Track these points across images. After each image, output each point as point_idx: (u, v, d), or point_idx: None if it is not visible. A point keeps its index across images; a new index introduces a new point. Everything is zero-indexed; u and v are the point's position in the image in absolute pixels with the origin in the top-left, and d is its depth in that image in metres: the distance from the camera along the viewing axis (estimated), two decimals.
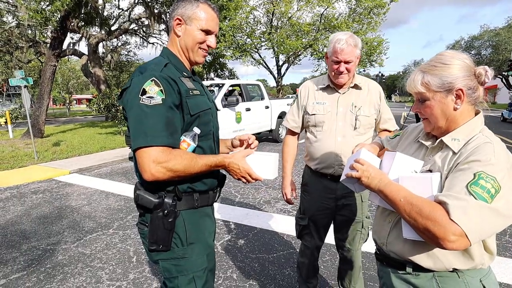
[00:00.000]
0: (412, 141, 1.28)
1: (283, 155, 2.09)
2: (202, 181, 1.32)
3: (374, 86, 1.91)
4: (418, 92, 1.10)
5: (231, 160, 1.30)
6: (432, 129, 1.13)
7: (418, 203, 0.97)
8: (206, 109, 1.32)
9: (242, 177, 1.32)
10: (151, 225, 1.24)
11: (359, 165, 1.15)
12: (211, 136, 1.36)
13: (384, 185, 1.07)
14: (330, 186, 1.91)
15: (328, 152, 1.86)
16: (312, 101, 1.93)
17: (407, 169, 1.11)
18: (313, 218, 2.01)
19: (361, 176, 1.12)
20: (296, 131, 2.05)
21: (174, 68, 1.28)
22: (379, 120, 1.92)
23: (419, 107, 1.12)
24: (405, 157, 1.12)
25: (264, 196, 4.86)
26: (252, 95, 9.63)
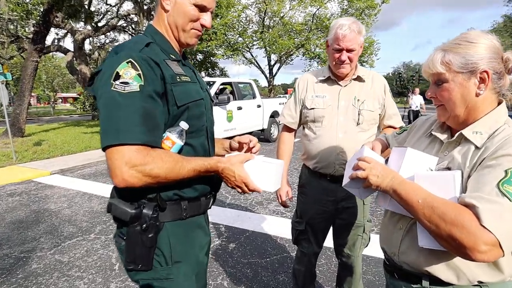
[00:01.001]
0: (422, 136, 1.15)
1: (278, 153, 1.95)
2: (193, 187, 1.12)
3: (379, 79, 1.79)
4: (436, 73, 0.97)
5: (226, 165, 1.09)
6: (447, 118, 1.00)
7: (440, 206, 0.83)
8: (198, 99, 1.13)
9: (237, 186, 1.12)
10: (127, 240, 1.04)
11: (365, 163, 1.01)
12: (204, 132, 1.18)
13: (398, 183, 0.94)
14: (329, 188, 1.78)
15: (328, 150, 1.72)
16: (311, 94, 1.79)
17: (419, 167, 0.97)
18: (310, 223, 1.87)
19: (368, 175, 0.98)
20: (292, 127, 1.91)
21: (159, 49, 1.09)
22: (384, 115, 1.80)
23: (435, 91, 0.99)
24: (418, 153, 0.98)
25: (256, 197, 4.73)
26: (243, 93, 9.52)
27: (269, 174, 1.14)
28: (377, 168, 0.98)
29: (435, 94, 1.00)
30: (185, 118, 1.08)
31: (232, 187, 1.15)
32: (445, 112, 1.00)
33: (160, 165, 0.96)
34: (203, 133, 1.17)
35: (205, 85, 1.29)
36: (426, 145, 1.09)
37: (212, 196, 1.25)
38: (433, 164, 0.98)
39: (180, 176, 1.01)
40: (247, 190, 1.13)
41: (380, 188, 0.98)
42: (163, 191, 1.06)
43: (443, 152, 1.01)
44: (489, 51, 0.92)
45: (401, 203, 0.93)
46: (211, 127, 1.25)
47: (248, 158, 1.15)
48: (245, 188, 1.13)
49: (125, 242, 1.06)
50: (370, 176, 0.98)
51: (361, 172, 1.00)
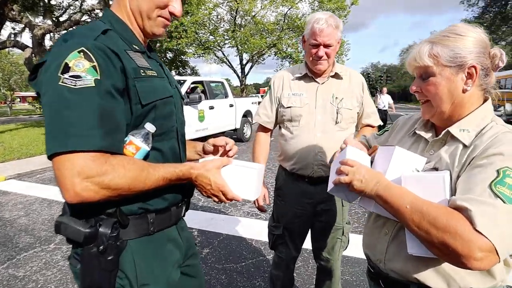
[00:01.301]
0: (405, 135, 1.10)
1: (254, 154, 1.85)
2: (162, 197, 0.99)
3: (356, 76, 1.74)
4: (423, 66, 0.91)
5: (200, 172, 0.98)
6: (432, 115, 0.95)
7: (430, 211, 0.78)
8: (166, 97, 1.00)
9: (214, 195, 1.02)
10: (83, 264, 0.89)
11: (347, 167, 0.94)
12: (174, 134, 1.06)
13: (383, 188, 0.87)
14: (308, 190, 1.71)
15: (306, 150, 1.65)
16: (288, 92, 1.72)
17: (407, 167, 0.92)
18: (288, 227, 1.79)
19: (352, 180, 0.91)
20: (268, 127, 1.83)
21: (119, 38, 0.94)
22: (362, 114, 1.76)
23: (420, 85, 0.94)
24: (406, 153, 0.93)
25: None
26: (215, 93, 9.35)
27: (249, 180, 1.04)
28: (361, 172, 0.92)
29: (420, 89, 0.95)
30: (151, 119, 0.94)
31: (207, 196, 1.03)
32: (431, 109, 0.95)
33: (122, 174, 0.82)
34: (172, 135, 1.05)
35: (175, 81, 1.16)
36: (409, 145, 1.04)
37: (185, 203, 1.13)
38: (420, 164, 0.92)
39: (147, 187, 0.88)
40: (225, 199, 1.03)
41: (364, 193, 0.91)
42: (125, 205, 0.92)
43: (429, 151, 0.97)
44: (478, 45, 0.88)
45: (387, 208, 0.87)
46: (181, 129, 1.12)
47: (225, 163, 1.04)
48: (222, 197, 1.02)
49: (80, 265, 0.90)
50: (354, 181, 0.91)
51: (344, 177, 0.94)
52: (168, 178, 0.92)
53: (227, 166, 1.04)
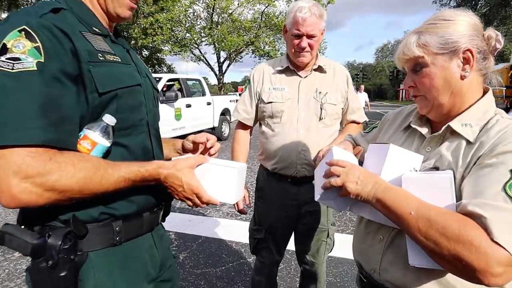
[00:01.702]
0: (397, 130, 1.01)
1: (233, 153, 1.74)
2: (129, 200, 0.87)
3: (341, 69, 1.66)
4: (413, 58, 0.83)
5: (170, 172, 0.86)
6: (429, 110, 0.87)
7: (439, 218, 0.68)
8: (132, 85, 0.89)
9: (187, 198, 0.90)
10: (32, 280, 0.77)
11: (338, 168, 0.84)
12: (144, 128, 0.94)
13: (382, 191, 0.77)
14: (291, 191, 1.61)
15: (289, 148, 1.55)
16: (268, 86, 1.61)
17: (403, 167, 0.82)
18: (271, 230, 1.69)
19: (345, 182, 0.81)
20: (248, 124, 1.71)
21: (75, 19, 0.81)
22: (346, 109, 1.68)
23: (413, 79, 0.86)
24: (402, 151, 0.84)
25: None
26: (192, 90, 9.15)
27: (229, 181, 0.91)
28: (355, 173, 0.82)
29: (413, 83, 0.87)
30: (112, 111, 0.82)
31: (180, 199, 0.91)
32: (427, 103, 0.86)
33: (71, 174, 0.70)
34: (142, 129, 0.93)
35: (146, 69, 1.03)
36: (403, 141, 0.96)
37: (163, 208, 1.01)
38: (418, 163, 0.83)
39: (104, 189, 0.76)
40: (199, 203, 0.91)
41: (360, 197, 0.81)
42: (81, 209, 0.78)
43: (425, 148, 0.88)
44: (470, 28, 0.80)
45: (388, 215, 0.77)
46: (154, 122, 1.01)
47: (201, 162, 0.92)
48: (196, 201, 0.90)
49: (30, 282, 0.77)
50: (348, 183, 0.81)
51: (335, 180, 0.83)
52: (131, 179, 0.80)
53: (202, 165, 0.92)
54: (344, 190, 0.82)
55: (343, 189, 0.82)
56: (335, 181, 0.83)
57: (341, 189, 0.83)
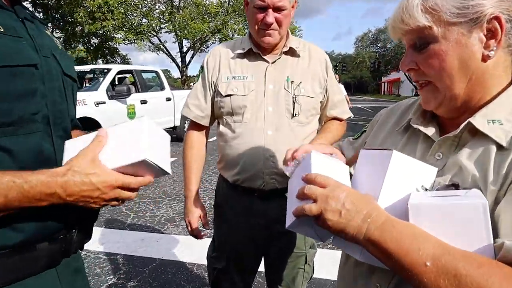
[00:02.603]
0: (392, 131, 0.85)
1: (185, 161, 1.53)
2: (12, 227, 0.73)
3: (318, 53, 1.49)
4: (415, 28, 0.67)
5: (66, 179, 0.72)
6: (439, 103, 0.70)
7: (473, 273, 0.50)
8: (18, 65, 0.76)
9: (112, 199, 0.79)
10: None
11: (314, 187, 0.66)
12: (40, 126, 0.81)
13: (379, 228, 0.59)
14: (258, 207, 1.44)
15: (254, 154, 1.38)
16: (226, 74, 1.42)
17: (409, 184, 0.64)
18: (234, 257, 1.51)
19: (322, 211, 0.63)
20: (202, 123, 1.51)
21: None
22: (326, 103, 1.51)
23: (416, 59, 0.70)
24: (409, 160, 0.66)
25: (166, 212, 4.24)
26: (149, 84, 8.88)
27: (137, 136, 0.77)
28: (339, 197, 0.63)
29: (416, 64, 0.70)
30: None
31: (102, 205, 0.79)
32: (436, 93, 0.69)
33: None
34: (36, 127, 0.80)
35: (53, 48, 0.90)
36: (401, 146, 0.79)
37: (75, 233, 0.88)
38: (429, 178, 0.65)
39: None
40: (130, 195, 0.80)
41: (345, 234, 0.62)
42: None
43: (434, 155, 0.71)
44: None
45: (388, 263, 0.58)
46: (62, 120, 0.88)
47: (100, 141, 0.79)
48: (126, 193, 0.80)
49: None
50: (327, 213, 0.63)
51: (309, 207, 0.65)
52: (6, 198, 0.66)
53: (105, 140, 0.79)
54: (321, 221, 0.64)
55: (320, 220, 0.64)
56: (310, 208, 0.64)
57: (318, 219, 0.64)
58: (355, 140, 1.04)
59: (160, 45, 24.43)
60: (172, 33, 23.00)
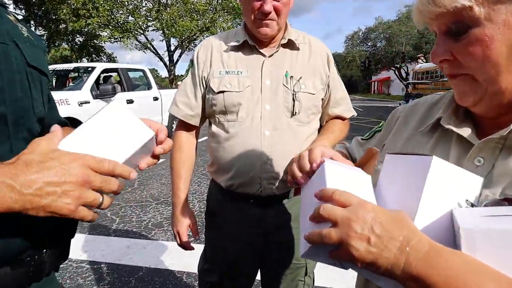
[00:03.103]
0: (415, 132, 0.75)
1: (173, 164, 1.43)
2: None
3: (319, 46, 1.41)
4: (452, 10, 0.56)
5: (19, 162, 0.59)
6: (479, 98, 0.60)
7: None
8: None
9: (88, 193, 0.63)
10: None
11: (332, 209, 0.55)
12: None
13: (422, 260, 0.49)
14: (254, 215, 1.34)
15: (250, 157, 1.28)
16: (219, 69, 1.32)
17: (452, 197, 0.54)
18: (228, 270, 1.41)
19: (344, 240, 0.52)
20: (192, 123, 1.41)
21: None
22: (327, 100, 1.43)
23: (452, 48, 0.60)
24: (452, 168, 0.55)
25: (154, 217, 4.12)
26: (135, 83, 8.77)
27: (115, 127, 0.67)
28: (364, 219, 0.52)
29: (451, 54, 0.60)
30: None
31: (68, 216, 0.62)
32: (476, 86, 0.59)
33: None
34: None
35: (15, 35, 0.78)
36: (429, 149, 0.69)
37: (42, 258, 0.75)
38: (474, 190, 0.54)
39: None
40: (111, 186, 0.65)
41: (376, 268, 0.51)
42: None
43: (473, 160, 0.61)
44: None
45: None
46: (26, 119, 0.76)
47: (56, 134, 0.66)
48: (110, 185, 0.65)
49: None
50: (352, 241, 0.51)
51: (328, 232, 0.53)
52: None
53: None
54: (344, 252, 0.52)
55: (342, 250, 0.52)
56: (328, 234, 0.52)
57: (340, 248, 0.53)
58: (365, 141, 0.94)
59: (147, 44, 24.35)
60: (159, 31, 22.91)
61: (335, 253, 0.54)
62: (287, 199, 1.35)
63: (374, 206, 0.54)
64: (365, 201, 0.55)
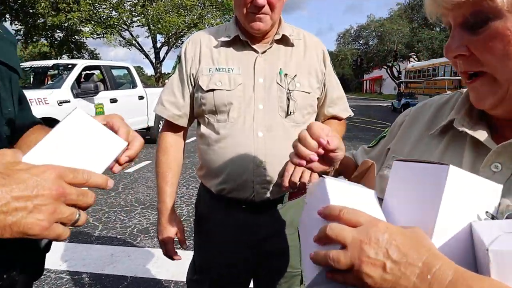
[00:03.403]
0: (423, 135, 0.73)
1: (159, 168, 1.39)
2: None
3: (314, 42, 1.39)
4: (471, 0, 0.53)
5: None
6: (499, 100, 0.57)
7: None
8: None
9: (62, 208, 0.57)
10: None
11: (338, 226, 0.51)
12: None
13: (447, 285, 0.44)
14: (247, 222, 1.31)
15: (242, 159, 1.25)
16: (208, 66, 1.29)
17: (471, 209, 0.50)
18: (219, 281, 1.38)
19: (356, 263, 0.48)
20: (180, 123, 1.37)
21: None
22: (324, 100, 1.40)
23: (468, 41, 0.56)
24: (469, 177, 0.51)
25: (139, 222, 4.07)
26: (119, 81, 8.69)
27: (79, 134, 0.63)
28: (377, 240, 0.47)
29: (467, 49, 0.56)
30: None
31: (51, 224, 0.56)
32: (496, 87, 0.56)
33: None
34: None
35: None
36: (439, 153, 0.67)
37: (12, 277, 0.70)
38: (492, 199, 0.51)
39: None
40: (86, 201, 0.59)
41: None
42: None
43: (490, 166, 0.58)
44: None
45: None
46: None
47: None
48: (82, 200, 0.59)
49: None
50: (363, 268, 0.47)
51: (336, 255, 0.49)
52: None
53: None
54: (355, 278, 0.48)
55: (353, 276, 0.48)
56: (337, 258, 0.48)
57: (350, 274, 0.48)
58: (371, 149, 0.91)
59: (132, 40, 24.26)
60: (145, 27, 22.88)
61: (347, 280, 0.49)
62: (281, 204, 1.32)
63: (388, 225, 0.49)
64: (377, 219, 0.51)
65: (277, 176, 1.24)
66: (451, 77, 17.35)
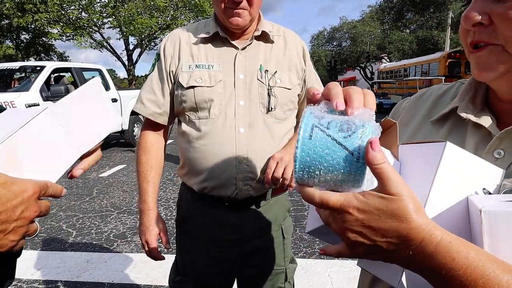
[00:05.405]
0: (424, 122, 0.73)
1: (139, 168, 1.35)
2: None
3: (293, 38, 1.39)
4: None
5: None
6: (505, 71, 0.56)
7: None
8: None
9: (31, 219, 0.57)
10: None
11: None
12: None
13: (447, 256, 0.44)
14: (230, 220, 1.29)
15: (224, 157, 1.23)
16: (188, 63, 1.27)
17: (467, 185, 0.51)
18: (201, 282, 1.36)
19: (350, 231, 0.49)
20: (160, 121, 1.34)
21: None
22: (304, 96, 1.40)
23: (490, 9, 0.54)
24: (466, 155, 0.52)
25: (115, 227, 3.97)
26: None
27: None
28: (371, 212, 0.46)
29: (488, 18, 0.54)
30: None
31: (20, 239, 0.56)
32: (505, 58, 0.54)
33: None
34: None
35: None
36: (441, 138, 0.67)
37: None
38: (493, 181, 0.52)
39: None
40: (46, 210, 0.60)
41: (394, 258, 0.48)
42: None
43: (492, 153, 0.58)
44: None
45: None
46: None
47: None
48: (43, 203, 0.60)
49: None
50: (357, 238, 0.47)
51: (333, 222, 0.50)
52: None
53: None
54: (349, 246, 0.49)
55: (347, 242, 0.49)
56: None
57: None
58: None
59: (103, 42, 23.61)
60: (116, 28, 22.33)
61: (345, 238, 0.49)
62: (264, 200, 1.31)
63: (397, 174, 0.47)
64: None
65: (259, 172, 1.23)
66: (421, 77, 17.90)
